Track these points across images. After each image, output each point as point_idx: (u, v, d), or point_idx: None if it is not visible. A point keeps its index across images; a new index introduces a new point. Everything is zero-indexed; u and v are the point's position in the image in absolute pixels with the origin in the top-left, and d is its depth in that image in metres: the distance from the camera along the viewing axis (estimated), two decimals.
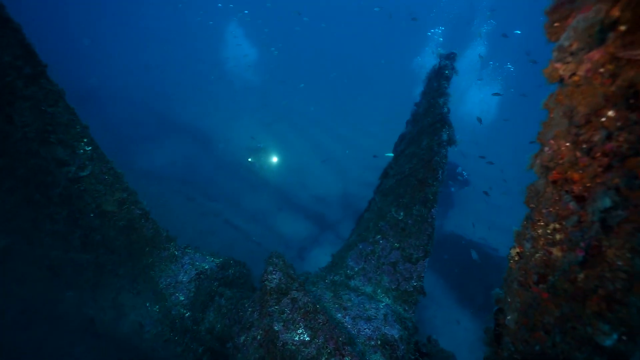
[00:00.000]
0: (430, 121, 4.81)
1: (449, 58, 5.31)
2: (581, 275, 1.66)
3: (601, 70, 1.10)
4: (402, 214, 4.40)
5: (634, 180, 1.23)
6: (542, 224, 1.58)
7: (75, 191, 3.26)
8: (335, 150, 22.84)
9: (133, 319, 4.05)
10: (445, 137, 4.41)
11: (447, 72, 5.00)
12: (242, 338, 3.55)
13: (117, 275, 4.18)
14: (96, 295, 4.36)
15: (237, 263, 4.92)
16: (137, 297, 4.22)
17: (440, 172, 4.27)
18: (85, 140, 3.20)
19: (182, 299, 3.91)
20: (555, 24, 1.18)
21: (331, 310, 3.56)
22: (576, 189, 1.35)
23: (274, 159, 15.00)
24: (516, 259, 1.95)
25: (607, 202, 1.28)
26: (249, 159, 14.62)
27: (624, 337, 1.74)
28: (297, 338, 3.14)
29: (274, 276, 3.56)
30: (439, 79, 5.03)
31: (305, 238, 14.21)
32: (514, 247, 1.96)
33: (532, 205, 1.69)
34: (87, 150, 3.21)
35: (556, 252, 1.59)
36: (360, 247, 4.49)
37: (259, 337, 3.44)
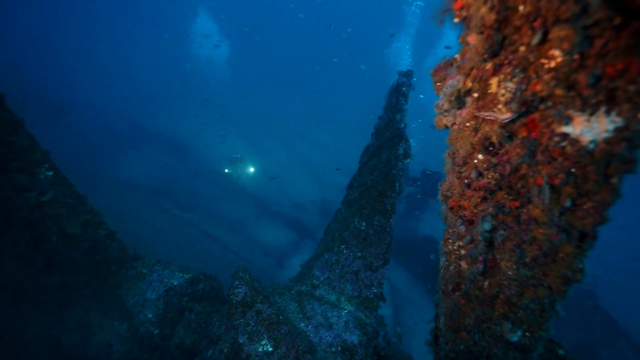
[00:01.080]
0: (389, 135, 5.13)
1: (407, 75, 5.67)
2: (486, 284, 1.95)
3: (467, 124, 1.37)
4: (364, 224, 4.67)
5: (504, 208, 1.52)
6: (450, 241, 1.85)
7: (37, 216, 3.30)
8: (313, 156, 23.10)
9: (101, 339, 4.08)
10: (401, 151, 4.72)
11: (404, 89, 5.34)
12: (210, 352, 3.67)
13: (84, 296, 4.20)
14: (63, 316, 4.35)
15: (207, 277, 5.02)
16: (105, 316, 4.25)
17: (397, 184, 4.57)
18: (46, 165, 3.26)
19: (150, 316, 3.99)
20: (438, 84, 1.45)
21: (295, 320, 3.75)
22: (467, 214, 1.62)
23: (251, 169, 15.03)
24: (441, 270, 2.22)
25: (487, 226, 1.55)
26: (226, 170, 14.59)
27: (527, 334, 2.05)
28: (260, 349, 3.31)
29: (239, 290, 3.71)
30: (397, 96, 5.37)
31: (285, 245, 14.28)
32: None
33: (447, 225, 1.97)
34: (49, 175, 3.27)
35: (463, 264, 1.87)
36: (326, 256, 4.71)
37: (225, 350, 3.58)
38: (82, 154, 14.81)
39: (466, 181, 1.50)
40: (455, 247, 1.81)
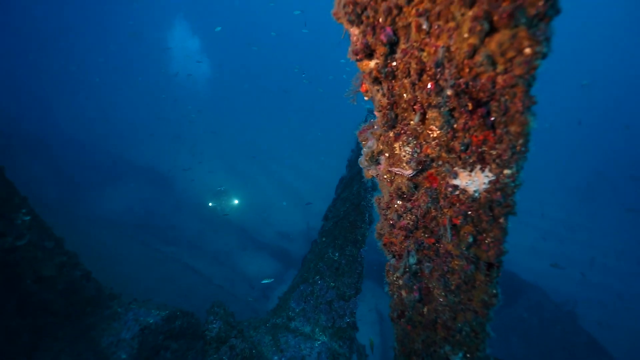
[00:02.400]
0: (359, 168, 5.48)
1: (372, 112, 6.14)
2: (425, 310, 2.18)
3: (385, 177, 1.68)
4: (337, 254, 4.87)
5: (423, 244, 1.79)
6: (390, 273, 2.10)
7: (12, 260, 3.37)
8: (298, 185, 23.36)
9: None
10: (370, 184, 5.06)
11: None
12: None
13: (56, 339, 4.17)
14: None
15: (184, 314, 5.03)
16: (78, 359, 4.20)
17: (367, 215, 4.85)
18: (24, 210, 3.39)
19: (124, 357, 3.98)
20: (363, 142, 1.77)
21: (268, 353, 3.83)
22: (397, 249, 1.89)
23: (236, 202, 15.10)
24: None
25: (412, 260, 1.82)
26: (210, 204, 14.62)
27: (467, 355, 2.27)
28: None
29: (214, 325, 3.80)
30: None
31: (270, 276, 14.11)
32: None
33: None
34: (26, 220, 3.39)
35: (403, 293, 2.11)
36: (302, 288, 4.85)
37: None
38: (62, 189, 14.63)
39: (391, 222, 1.78)
40: (394, 278, 2.06)
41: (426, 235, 1.74)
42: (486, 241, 1.66)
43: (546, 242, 20.86)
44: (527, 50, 1.12)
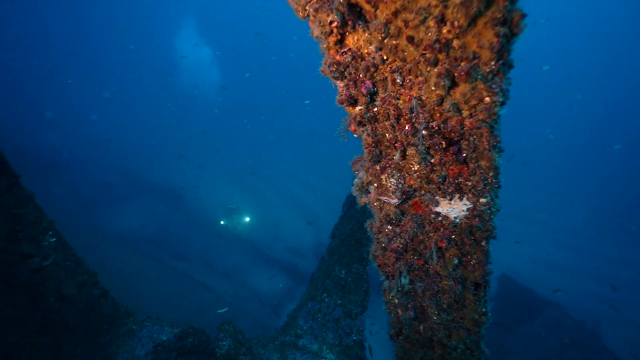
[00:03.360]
0: None
1: None
2: (421, 328, 2.29)
3: (375, 204, 1.85)
4: (343, 272, 4.98)
5: (414, 265, 1.94)
6: (387, 292, 2.23)
7: (38, 279, 3.63)
8: (308, 200, 23.51)
9: None
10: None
11: None
12: None
13: (75, 355, 4.37)
14: None
15: (196, 331, 5.18)
16: None
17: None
18: (50, 232, 3.67)
19: None
20: (355, 172, 1.95)
21: None
22: (389, 270, 2.04)
23: (247, 219, 15.35)
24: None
25: (405, 280, 1.96)
26: (222, 222, 14.91)
27: None
28: None
29: (224, 343, 3.94)
30: None
31: (281, 293, 14.14)
32: None
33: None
34: (52, 241, 3.66)
35: (399, 311, 2.23)
36: (310, 305, 4.95)
37: None
38: (78, 208, 15.21)
39: (383, 245, 1.93)
40: (390, 297, 2.19)
41: (415, 257, 1.88)
42: (471, 262, 1.80)
43: (570, 259, 20.24)
44: (487, 99, 1.30)
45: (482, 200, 1.57)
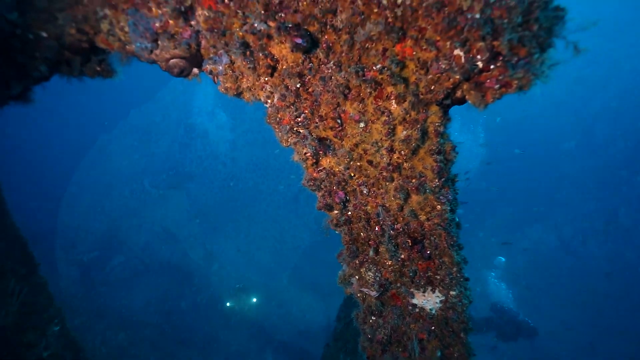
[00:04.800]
0: None
1: None
2: None
3: (358, 295, 2.00)
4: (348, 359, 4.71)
5: (399, 358, 1.97)
6: None
7: None
8: (316, 273, 22.73)
9: None
10: None
11: None
12: None
13: None
14: None
15: None
16: None
17: None
18: (55, 321, 3.74)
19: None
20: (341, 263, 2.14)
21: None
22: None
23: (254, 300, 14.87)
24: None
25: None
26: (228, 304, 14.47)
27: None
28: None
29: None
30: None
31: None
32: None
33: None
34: (55, 330, 3.71)
35: None
36: None
37: None
38: (84, 289, 15.09)
39: (369, 336, 2.00)
40: None
41: (400, 350, 1.93)
42: (454, 355, 1.84)
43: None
44: (438, 207, 1.56)
45: (452, 292, 1.71)
